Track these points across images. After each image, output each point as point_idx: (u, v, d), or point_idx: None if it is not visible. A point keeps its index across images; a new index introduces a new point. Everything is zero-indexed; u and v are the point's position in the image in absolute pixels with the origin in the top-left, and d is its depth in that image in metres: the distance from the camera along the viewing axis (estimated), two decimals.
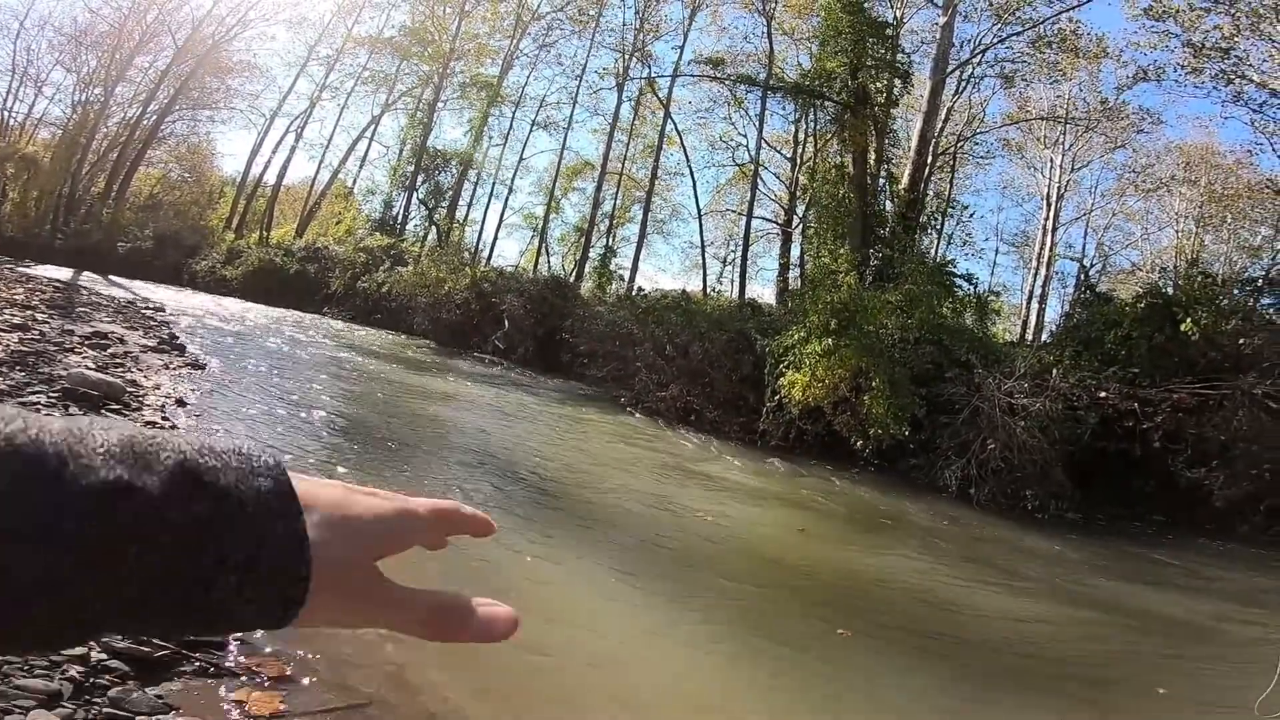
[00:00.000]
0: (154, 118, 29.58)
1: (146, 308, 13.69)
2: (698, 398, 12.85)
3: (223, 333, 12.71)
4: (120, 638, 2.31)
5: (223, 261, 25.60)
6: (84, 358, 6.62)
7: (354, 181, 32.13)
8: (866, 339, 11.33)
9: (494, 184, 29.99)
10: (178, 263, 26.10)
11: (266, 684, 2.39)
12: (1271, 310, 10.95)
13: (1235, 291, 10.95)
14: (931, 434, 10.88)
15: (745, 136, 25.75)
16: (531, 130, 29.87)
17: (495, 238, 30.50)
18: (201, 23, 29.18)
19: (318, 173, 31.35)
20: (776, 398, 11.93)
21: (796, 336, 11.98)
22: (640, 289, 21.27)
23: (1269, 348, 9.94)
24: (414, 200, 27.77)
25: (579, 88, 27.42)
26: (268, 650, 2.58)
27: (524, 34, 27.55)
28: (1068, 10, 17.64)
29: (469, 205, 29.32)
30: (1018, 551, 7.81)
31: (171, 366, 7.80)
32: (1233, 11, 15.38)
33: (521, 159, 30.53)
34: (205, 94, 31.65)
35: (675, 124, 25.84)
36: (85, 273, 19.71)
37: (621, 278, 24.35)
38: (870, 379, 10.99)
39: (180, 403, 6.13)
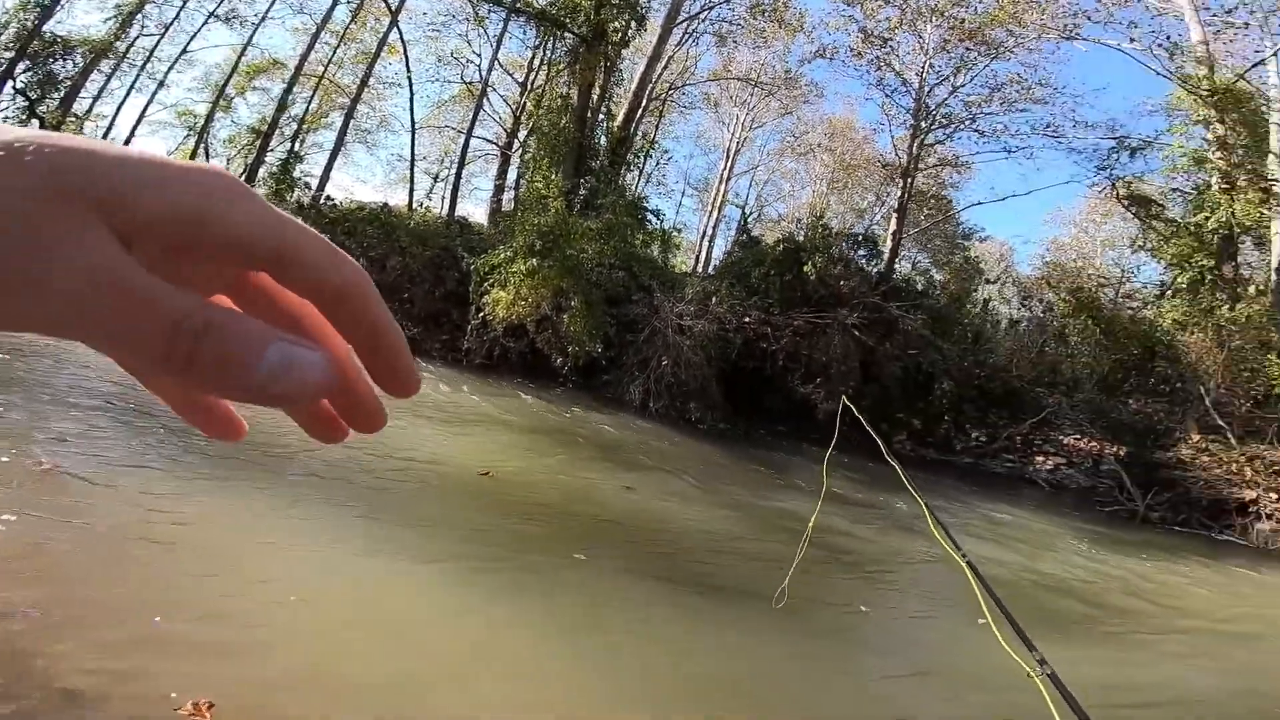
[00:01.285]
0: None
1: None
2: (396, 315, 12.31)
3: None
4: None
5: None
6: None
7: None
8: (569, 262, 12.07)
9: (139, 75, 23.96)
10: None
11: None
12: (864, 259, 14.34)
13: (843, 244, 14.04)
14: (620, 352, 12.17)
15: (479, 56, 24.72)
16: (208, 21, 24.35)
17: (132, 135, 24.54)
18: None
19: None
20: (481, 315, 12.17)
21: (504, 255, 12.26)
22: (330, 198, 19.34)
23: (859, 288, 13.02)
24: (8, 90, 21.26)
25: None
26: None
27: None
28: None
29: (95, 98, 23.26)
30: (687, 459, 9.01)
31: None
32: (903, 6, 18.76)
33: (186, 51, 24.85)
34: None
35: (401, 33, 23.48)
36: None
37: (308, 186, 21.74)
38: (570, 299, 11.81)
39: None
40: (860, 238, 15.12)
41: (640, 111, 19.98)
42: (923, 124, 18.66)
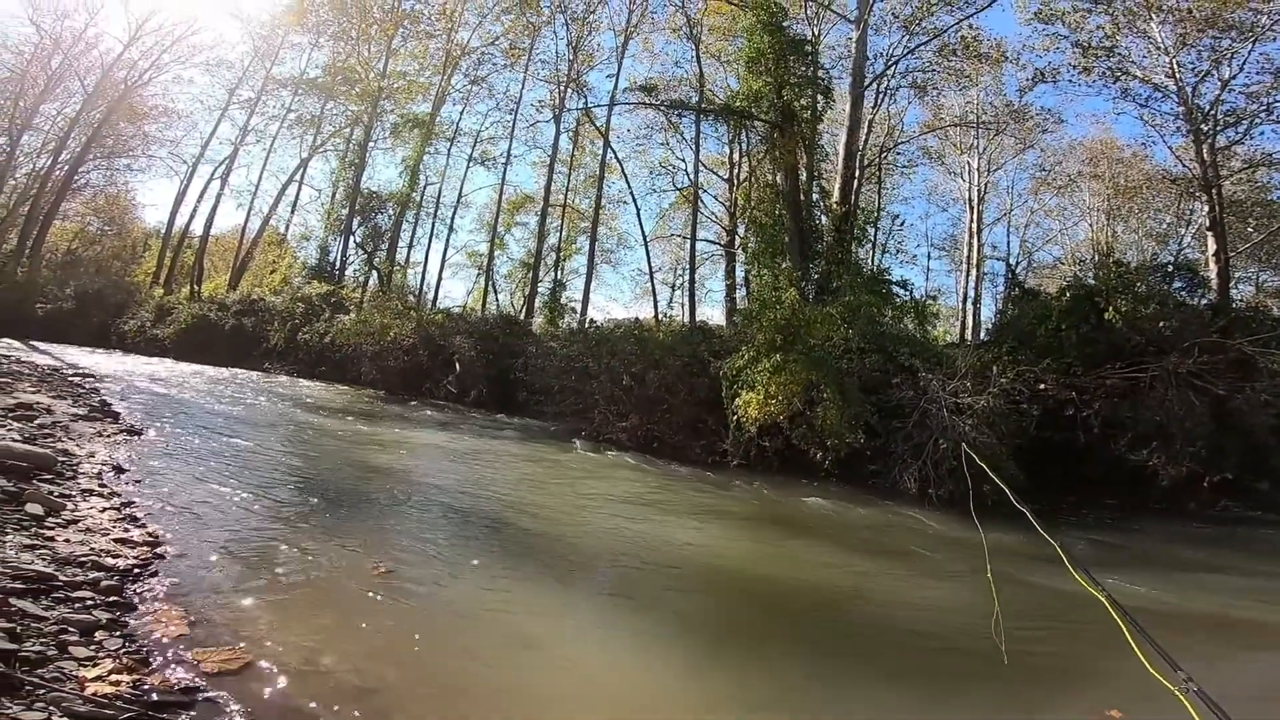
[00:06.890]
0: (66, 168, 28.27)
1: (74, 374, 13.06)
2: (658, 425, 12.81)
3: (159, 396, 12.15)
4: (80, 702, 2.23)
5: (153, 320, 24.57)
6: (8, 430, 6.24)
7: (286, 228, 31.15)
8: (813, 353, 11.52)
9: (434, 223, 29.27)
10: (104, 323, 24.98)
11: None
12: (1183, 292, 11.66)
13: (1151, 278, 11.61)
14: (886, 439, 11.08)
15: (684, 160, 26.16)
16: (469, 166, 29.28)
17: (439, 278, 29.89)
18: (111, 67, 28.23)
19: (247, 220, 30.17)
20: (734, 418, 12.00)
21: (746, 356, 12.10)
22: (592, 320, 21.21)
23: (1186, 328, 10.56)
24: (351, 244, 27.00)
25: (515, 121, 27.21)
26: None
27: (454, 69, 27.06)
28: (966, 18, 18.42)
29: (409, 247, 28.61)
30: (982, 550, 7.77)
31: (106, 434, 7.42)
32: (1110, 11, 16.50)
33: (461, 196, 29.98)
34: (120, 141, 30.39)
35: (615, 152, 25.78)
36: (3, 339, 18.80)
37: (574, 310, 24.16)
38: (821, 391, 11.16)
39: (118, 470, 5.83)
40: (1171, 267, 12.46)
41: (856, 182, 19.30)
42: (1203, 127, 15.51)
